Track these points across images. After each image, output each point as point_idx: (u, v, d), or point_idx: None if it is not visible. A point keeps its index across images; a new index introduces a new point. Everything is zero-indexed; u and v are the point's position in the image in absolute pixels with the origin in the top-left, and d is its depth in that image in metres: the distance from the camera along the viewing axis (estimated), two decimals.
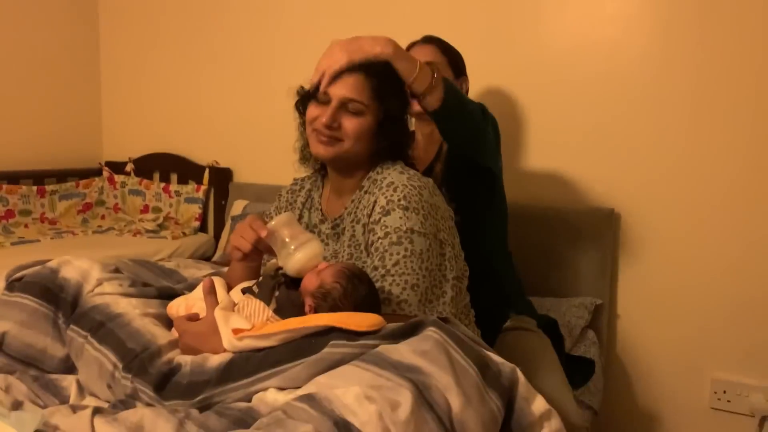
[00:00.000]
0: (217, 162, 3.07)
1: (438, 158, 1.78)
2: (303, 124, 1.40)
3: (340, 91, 1.29)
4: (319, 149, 1.31)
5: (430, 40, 1.81)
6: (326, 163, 1.40)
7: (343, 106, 1.29)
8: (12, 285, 1.37)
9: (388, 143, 1.34)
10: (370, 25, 2.48)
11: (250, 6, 2.93)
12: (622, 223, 2.13)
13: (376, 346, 0.95)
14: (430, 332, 0.96)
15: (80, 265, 1.41)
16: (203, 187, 3.06)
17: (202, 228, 3.09)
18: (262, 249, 1.22)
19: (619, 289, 2.16)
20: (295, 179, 1.54)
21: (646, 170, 2.07)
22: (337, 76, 1.29)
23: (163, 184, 3.19)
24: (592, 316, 2.01)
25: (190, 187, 3.10)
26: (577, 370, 1.72)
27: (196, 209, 3.05)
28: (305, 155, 1.46)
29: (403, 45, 1.81)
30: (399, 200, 1.23)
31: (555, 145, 2.21)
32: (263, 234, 1.17)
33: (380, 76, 1.31)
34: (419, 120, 1.81)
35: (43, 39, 3.23)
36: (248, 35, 2.95)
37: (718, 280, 1.99)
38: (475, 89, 1.94)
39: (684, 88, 2.00)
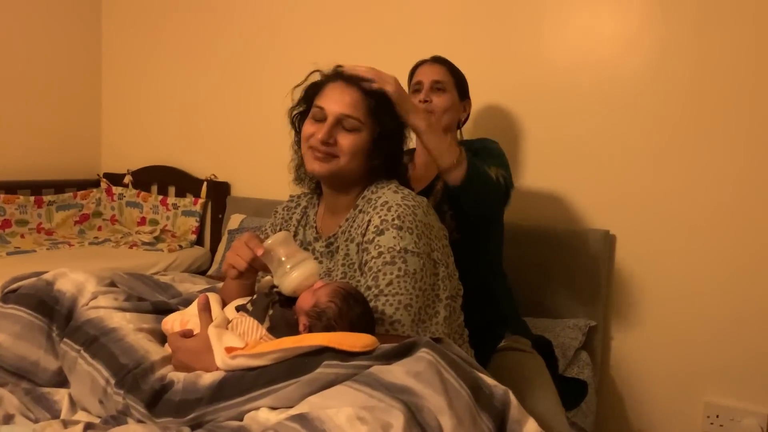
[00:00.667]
0: (215, 176, 3.08)
1: (440, 176, 1.78)
2: (298, 142, 1.40)
3: (336, 107, 1.30)
4: (315, 166, 1.32)
5: (439, 61, 1.84)
6: (321, 180, 1.41)
7: (339, 122, 1.30)
8: (7, 297, 1.37)
9: (382, 160, 1.35)
10: (372, 45, 2.53)
11: (251, 22, 2.95)
12: (618, 245, 2.14)
13: (370, 366, 0.95)
14: (424, 353, 0.96)
15: (76, 277, 1.41)
16: (201, 201, 3.06)
17: (199, 241, 3.09)
18: (257, 267, 1.22)
19: (613, 311, 2.16)
20: (291, 196, 1.54)
21: (642, 192, 2.09)
22: (331, 91, 1.31)
23: (160, 197, 3.19)
24: (586, 338, 2.01)
25: (187, 200, 3.11)
26: (571, 392, 1.72)
27: (193, 222, 3.06)
28: (300, 175, 1.47)
29: (410, 64, 1.85)
30: (393, 220, 1.24)
31: (551, 165, 2.23)
32: (260, 253, 1.17)
33: (376, 94, 1.32)
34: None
35: (45, 50, 3.25)
36: (248, 51, 2.97)
37: (713, 304, 2.00)
38: (475, 107, 1.96)
39: (681, 110, 2.02)
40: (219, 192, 3.07)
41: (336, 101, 1.30)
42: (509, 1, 2.27)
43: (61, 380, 1.28)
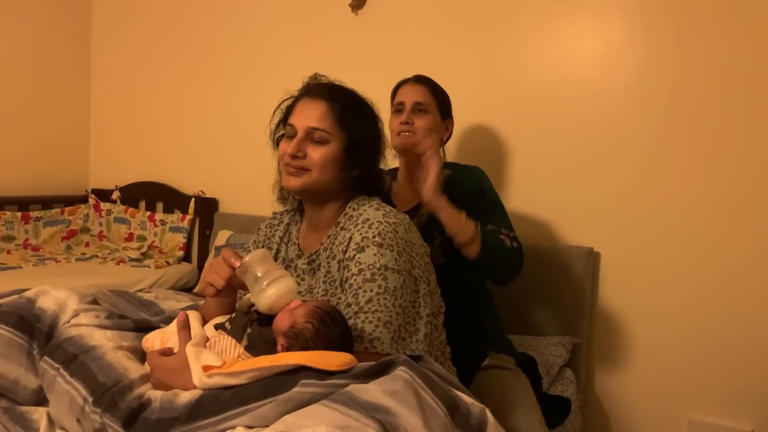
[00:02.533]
0: (203, 192, 3.09)
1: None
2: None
3: (305, 121, 1.31)
4: (289, 181, 1.33)
5: (421, 81, 1.85)
6: (298, 195, 1.42)
7: (308, 135, 1.31)
8: None
9: (358, 172, 1.35)
10: (362, 64, 2.55)
11: (239, 39, 2.98)
12: (602, 262, 2.15)
13: (346, 385, 0.95)
14: (401, 372, 0.96)
15: (57, 295, 1.41)
16: (188, 217, 3.07)
17: (186, 257, 3.09)
18: (235, 285, 1.21)
19: (597, 328, 2.17)
20: (274, 213, 1.55)
21: (626, 210, 2.11)
22: (300, 107, 1.35)
23: (148, 213, 3.19)
24: (571, 355, 2.02)
25: (175, 217, 3.11)
26: (554, 410, 1.72)
27: (180, 239, 3.06)
28: (283, 194, 1.48)
29: (393, 82, 1.86)
30: (374, 237, 1.24)
31: (535, 183, 2.24)
32: (237, 264, 1.17)
33: (343, 101, 1.34)
34: (404, 157, 1.83)
35: (33, 66, 3.26)
36: (237, 68, 2.99)
37: (697, 320, 2.01)
38: (458, 127, 1.98)
39: (662, 129, 2.04)
40: (207, 208, 3.07)
41: (304, 116, 1.32)
42: (492, 21, 2.30)
43: (40, 398, 1.28)
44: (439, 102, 1.82)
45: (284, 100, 1.42)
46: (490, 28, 2.31)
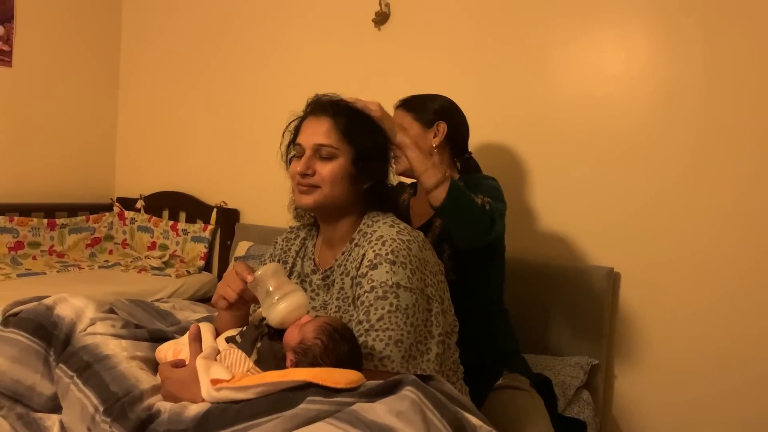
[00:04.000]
0: (225, 203, 3.12)
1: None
2: None
3: (311, 139, 1.32)
4: (302, 199, 1.34)
5: (399, 106, 1.82)
6: (312, 212, 1.43)
7: (316, 153, 1.32)
8: (8, 320, 1.39)
9: (369, 185, 1.35)
10: (385, 78, 2.56)
11: (263, 53, 3.02)
12: (622, 283, 2.12)
13: (353, 403, 0.95)
14: (408, 392, 0.96)
15: (75, 303, 1.43)
16: (210, 227, 3.10)
17: (207, 267, 3.12)
18: (247, 298, 1.22)
19: (616, 350, 2.13)
20: (290, 227, 1.56)
21: (647, 230, 2.08)
22: (306, 126, 1.36)
23: (171, 222, 3.23)
24: (588, 376, 1.98)
25: (197, 226, 3.14)
26: None
27: (201, 248, 3.09)
28: (299, 213, 1.50)
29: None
30: (387, 254, 1.24)
31: (556, 202, 2.23)
32: (249, 279, 1.18)
33: (346, 116, 1.35)
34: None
35: (63, 77, 3.34)
36: (261, 81, 3.03)
37: (718, 344, 1.97)
38: (479, 143, 1.96)
39: (684, 149, 2.01)
40: (228, 219, 3.10)
41: (310, 134, 1.33)
42: (515, 36, 2.30)
43: (55, 405, 1.29)
44: (415, 114, 1.78)
45: (291, 122, 1.43)
46: (512, 44, 2.30)
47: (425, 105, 1.81)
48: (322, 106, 1.37)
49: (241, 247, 2.87)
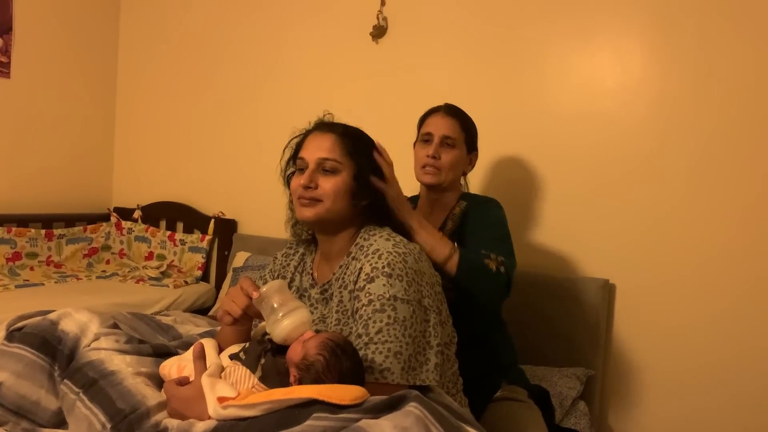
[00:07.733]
0: (222, 213, 3.13)
1: (444, 226, 1.80)
2: (291, 200, 1.44)
3: (315, 153, 1.35)
4: (303, 212, 1.36)
5: (451, 112, 1.82)
6: (311, 226, 1.45)
7: (320, 166, 1.34)
8: (12, 335, 1.41)
9: (368, 201, 1.38)
10: (383, 92, 2.59)
11: (261, 65, 3.04)
12: (617, 294, 2.15)
13: (358, 419, 0.96)
14: (412, 408, 0.98)
15: (80, 318, 1.44)
16: (208, 237, 3.11)
17: (204, 277, 3.13)
18: (251, 314, 1.24)
19: (612, 361, 2.16)
20: (290, 243, 1.58)
21: (642, 242, 2.10)
22: (310, 141, 1.39)
23: (168, 232, 3.24)
24: (585, 387, 2.01)
25: (195, 237, 3.15)
26: None
27: (199, 258, 3.10)
28: (296, 231, 1.51)
29: (414, 113, 1.88)
30: (383, 267, 1.26)
31: (552, 214, 2.25)
32: (255, 295, 1.20)
33: (350, 136, 1.38)
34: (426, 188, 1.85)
35: (61, 86, 3.35)
36: (259, 93, 3.05)
37: (713, 355, 1.99)
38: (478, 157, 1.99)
39: (679, 162, 2.04)
40: (226, 229, 3.11)
41: (315, 148, 1.36)
42: (512, 51, 2.33)
43: (60, 420, 1.31)
44: (467, 136, 1.81)
45: (293, 138, 1.45)
46: (510, 59, 2.33)
47: (470, 126, 1.84)
48: (328, 124, 1.41)
49: (239, 258, 2.88)
